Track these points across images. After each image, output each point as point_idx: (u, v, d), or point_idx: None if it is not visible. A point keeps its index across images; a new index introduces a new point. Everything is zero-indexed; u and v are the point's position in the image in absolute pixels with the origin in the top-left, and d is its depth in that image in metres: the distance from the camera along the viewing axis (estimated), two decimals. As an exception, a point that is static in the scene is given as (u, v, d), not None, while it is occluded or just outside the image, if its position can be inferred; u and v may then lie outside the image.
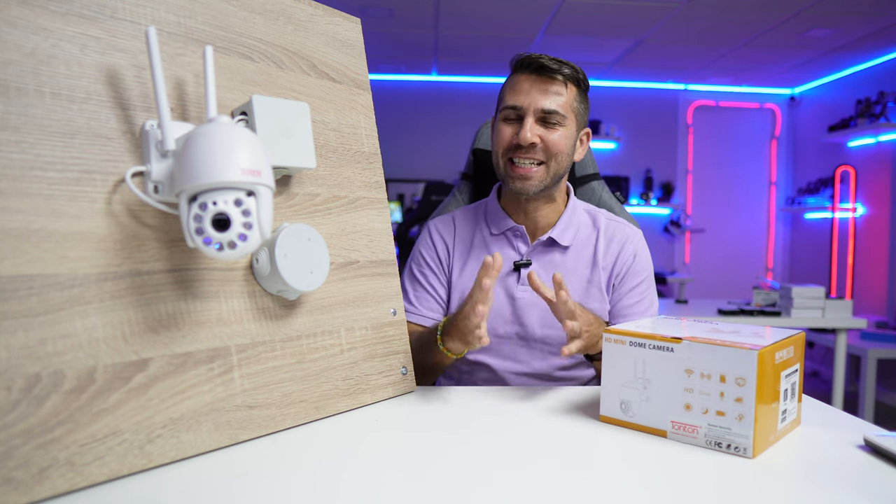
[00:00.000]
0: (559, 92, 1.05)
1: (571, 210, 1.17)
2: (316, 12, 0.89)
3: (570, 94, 1.06)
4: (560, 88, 1.05)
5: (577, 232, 1.16)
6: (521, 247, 1.15)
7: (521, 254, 1.15)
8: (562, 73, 1.05)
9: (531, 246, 1.14)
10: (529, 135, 1.03)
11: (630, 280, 1.15)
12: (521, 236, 1.15)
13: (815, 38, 3.97)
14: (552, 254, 1.15)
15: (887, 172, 4.27)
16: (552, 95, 1.05)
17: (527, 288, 1.12)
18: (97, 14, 0.65)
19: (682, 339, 0.71)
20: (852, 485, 0.60)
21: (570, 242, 1.15)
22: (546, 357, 1.13)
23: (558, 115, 1.05)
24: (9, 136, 0.56)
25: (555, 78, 1.05)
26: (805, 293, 2.91)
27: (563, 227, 1.15)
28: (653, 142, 5.39)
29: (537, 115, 1.05)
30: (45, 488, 0.53)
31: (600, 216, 1.19)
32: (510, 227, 1.15)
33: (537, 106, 1.04)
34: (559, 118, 1.05)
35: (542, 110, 1.04)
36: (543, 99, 1.05)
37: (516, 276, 1.14)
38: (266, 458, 0.65)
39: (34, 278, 0.56)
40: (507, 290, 1.13)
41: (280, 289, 0.75)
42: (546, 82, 1.05)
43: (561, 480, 0.60)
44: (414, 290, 1.18)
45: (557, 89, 1.05)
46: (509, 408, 0.84)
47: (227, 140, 0.59)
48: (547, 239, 1.14)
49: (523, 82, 1.06)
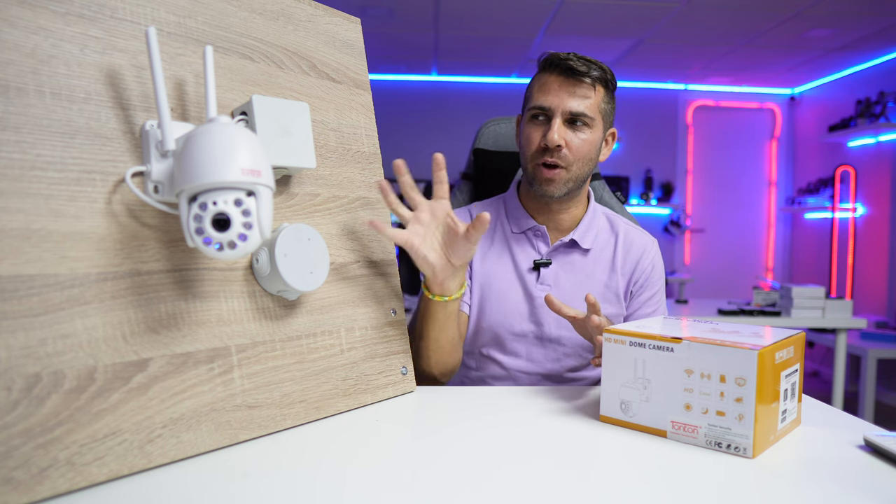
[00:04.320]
0: (587, 94, 1.05)
1: (592, 213, 1.17)
2: (316, 12, 0.89)
3: (598, 96, 1.06)
4: (588, 91, 1.05)
5: (596, 235, 1.17)
6: (541, 247, 1.15)
7: (541, 253, 1.15)
8: (590, 76, 1.04)
9: (552, 246, 1.15)
10: (556, 136, 1.03)
11: (648, 290, 1.16)
12: (541, 236, 1.15)
13: (815, 38, 3.97)
14: (572, 255, 1.15)
15: (887, 172, 4.27)
16: (580, 98, 1.04)
17: (545, 287, 1.13)
18: (97, 14, 0.65)
19: (682, 339, 0.71)
20: (852, 485, 0.60)
21: (590, 245, 1.15)
22: (559, 358, 1.13)
23: (586, 117, 1.05)
24: (9, 136, 0.56)
25: (583, 80, 1.04)
26: (805, 293, 2.92)
27: (584, 229, 1.15)
28: (653, 142, 5.39)
29: (565, 116, 1.04)
30: (45, 488, 0.53)
31: (619, 221, 1.20)
32: (531, 227, 1.15)
33: (565, 107, 1.04)
34: (587, 120, 1.05)
35: (571, 112, 1.04)
36: (571, 100, 1.04)
37: (536, 276, 1.14)
38: (266, 458, 0.65)
39: (34, 278, 0.56)
40: (525, 288, 1.14)
41: (280, 289, 0.75)
42: (575, 84, 1.04)
43: (561, 480, 0.60)
44: None
45: (586, 91, 1.05)
46: (509, 407, 0.84)
47: (227, 140, 0.59)
48: (569, 240, 1.14)
49: (552, 83, 1.05)
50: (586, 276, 1.14)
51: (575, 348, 1.12)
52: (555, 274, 1.13)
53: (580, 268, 1.14)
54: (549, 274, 1.13)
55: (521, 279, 1.14)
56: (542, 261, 1.13)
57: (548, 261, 1.13)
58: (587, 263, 1.15)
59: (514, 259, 1.15)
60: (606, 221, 1.20)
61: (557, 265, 1.14)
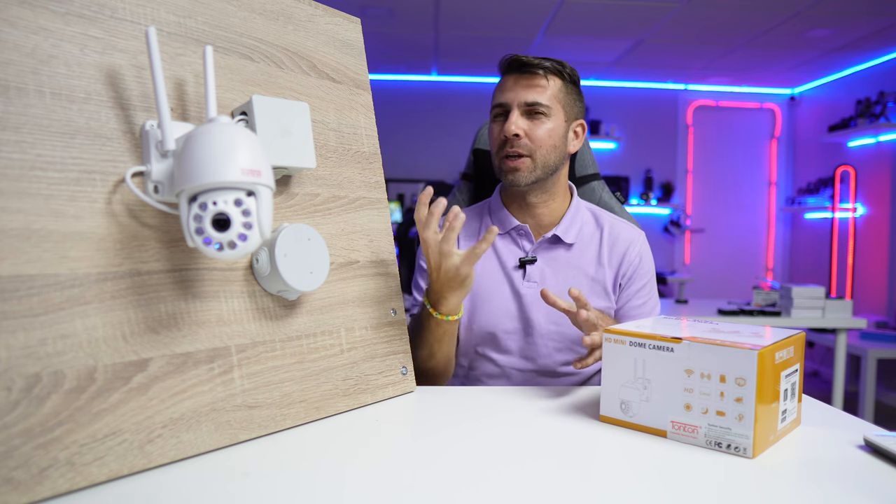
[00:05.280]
0: (541, 85, 1.09)
1: (575, 209, 1.19)
2: (316, 12, 0.89)
3: (553, 86, 1.10)
4: (542, 81, 1.09)
5: (580, 229, 1.18)
6: (525, 244, 1.17)
7: (525, 251, 1.16)
8: (542, 67, 1.09)
9: (536, 243, 1.16)
10: (513, 126, 1.07)
11: (636, 282, 1.17)
12: (525, 234, 1.17)
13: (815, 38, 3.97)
14: (556, 251, 1.16)
15: (887, 172, 4.27)
16: (534, 88, 1.09)
17: (532, 284, 1.14)
18: (97, 14, 0.65)
19: (682, 339, 0.71)
20: (852, 485, 0.60)
21: (574, 240, 1.16)
22: (551, 353, 1.14)
23: (542, 105, 1.08)
24: (9, 136, 0.56)
25: (535, 72, 1.09)
26: (805, 293, 2.92)
27: (567, 224, 1.16)
28: (653, 142, 5.39)
29: (522, 108, 1.09)
30: (45, 488, 0.53)
31: (604, 215, 1.22)
32: (514, 227, 1.17)
33: (520, 99, 1.09)
34: (544, 108, 1.09)
35: (526, 103, 1.08)
36: (526, 93, 1.09)
37: (522, 273, 1.15)
38: (266, 458, 0.65)
39: (34, 278, 0.56)
40: (513, 286, 1.15)
41: (280, 289, 0.75)
42: (528, 77, 1.10)
43: (561, 480, 0.60)
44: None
45: (539, 82, 1.09)
46: (509, 407, 0.84)
47: (227, 140, 0.59)
48: (551, 236, 1.15)
49: (508, 81, 1.12)
50: (573, 271, 1.15)
51: (566, 342, 1.13)
52: (540, 270, 1.15)
53: (565, 263, 1.16)
54: (534, 271, 1.15)
55: (507, 278, 1.16)
56: (527, 258, 1.15)
57: (532, 258, 1.15)
58: (572, 258, 1.16)
59: (500, 259, 1.17)
60: (591, 216, 1.21)
61: (543, 262, 1.16)
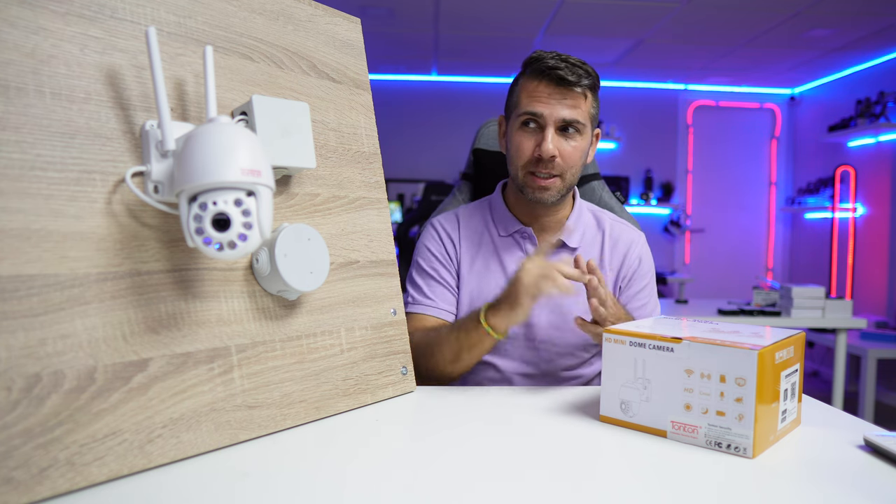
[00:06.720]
0: (578, 103, 1.05)
1: (578, 211, 1.19)
2: (316, 12, 0.89)
3: (588, 102, 1.07)
4: (579, 99, 1.05)
5: (583, 233, 1.18)
6: (528, 248, 1.16)
7: (528, 255, 1.15)
8: (581, 85, 1.04)
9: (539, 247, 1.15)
10: (551, 146, 1.03)
11: (636, 283, 1.17)
12: (529, 238, 1.16)
13: (815, 38, 3.97)
14: (560, 255, 1.16)
15: (887, 172, 4.27)
16: (572, 107, 1.05)
17: None
18: (97, 14, 0.65)
19: (682, 339, 0.71)
20: (852, 485, 0.60)
21: (577, 244, 1.16)
22: (552, 358, 1.13)
23: (578, 123, 1.05)
24: (9, 136, 0.56)
25: (574, 90, 1.04)
26: (805, 293, 2.92)
27: (571, 228, 1.16)
28: (653, 142, 5.39)
29: (557, 124, 1.05)
30: (45, 488, 0.53)
31: (605, 217, 1.21)
32: (518, 230, 1.16)
33: (557, 116, 1.04)
34: (579, 126, 1.06)
35: (563, 120, 1.04)
36: (563, 110, 1.04)
37: None
38: (266, 458, 0.65)
39: (34, 278, 0.56)
40: None
41: (280, 289, 0.75)
42: (565, 92, 1.04)
43: (561, 480, 0.60)
44: (427, 284, 1.18)
45: (578, 101, 1.05)
46: (509, 408, 0.84)
47: (227, 140, 0.59)
48: (558, 242, 1.15)
49: (542, 90, 1.05)
50: None
51: (568, 347, 1.12)
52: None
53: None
54: None
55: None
56: None
57: None
58: None
59: (502, 263, 1.16)
60: (592, 218, 1.21)
61: None
